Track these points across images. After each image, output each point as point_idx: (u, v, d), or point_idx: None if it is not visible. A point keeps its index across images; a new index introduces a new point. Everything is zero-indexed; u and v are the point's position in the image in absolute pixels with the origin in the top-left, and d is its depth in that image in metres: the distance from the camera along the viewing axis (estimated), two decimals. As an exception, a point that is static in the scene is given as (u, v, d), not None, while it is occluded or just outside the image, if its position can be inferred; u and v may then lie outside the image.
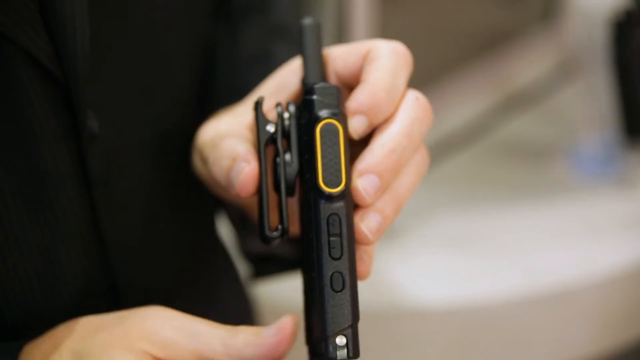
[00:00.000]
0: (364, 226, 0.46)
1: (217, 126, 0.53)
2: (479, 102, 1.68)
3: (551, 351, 1.28)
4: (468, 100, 1.67)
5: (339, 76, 0.50)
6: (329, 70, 0.50)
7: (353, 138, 0.47)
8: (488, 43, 1.73)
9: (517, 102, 1.70)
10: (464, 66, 1.68)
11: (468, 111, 1.64)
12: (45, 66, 0.49)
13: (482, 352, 1.25)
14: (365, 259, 0.47)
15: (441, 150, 1.51)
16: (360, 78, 0.48)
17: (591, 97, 1.49)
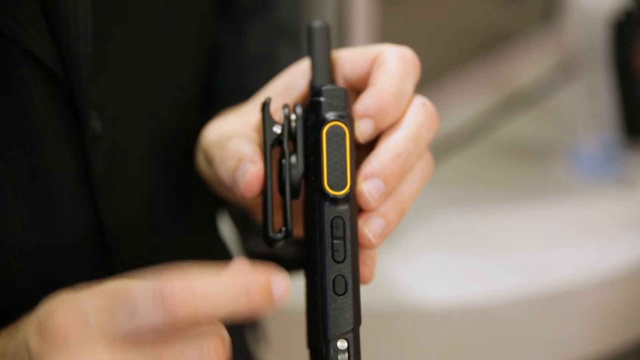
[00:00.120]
0: (368, 230, 0.45)
1: (223, 126, 0.52)
2: (479, 102, 1.68)
3: (551, 351, 1.28)
4: (468, 100, 1.66)
5: (347, 80, 0.50)
6: (337, 73, 0.50)
7: (359, 141, 0.47)
8: (488, 43, 1.73)
9: (517, 102, 1.70)
10: (464, 66, 1.68)
11: (468, 111, 1.64)
12: (48, 66, 0.49)
13: (482, 352, 1.25)
14: (368, 263, 0.47)
15: (441, 150, 1.51)
16: (368, 82, 0.48)
17: (591, 97, 1.48)
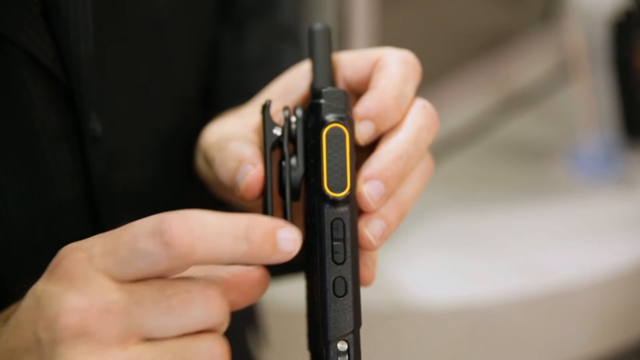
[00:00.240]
0: (368, 232, 0.45)
1: (223, 128, 0.52)
2: (479, 102, 1.68)
3: (551, 351, 1.28)
4: (468, 100, 1.66)
5: (348, 82, 0.50)
6: (338, 75, 0.50)
7: (359, 143, 0.47)
8: (488, 43, 1.73)
9: (517, 102, 1.70)
10: (464, 66, 1.68)
11: (468, 111, 1.64)
12: (47, 67, 0.48)
13: (482, 352, 1.25)
14: (369, 265, 0.46)
15: (441, 150, 1.51)
16: (368, 85, 0.48)
17: (591, 97, 1.49)
